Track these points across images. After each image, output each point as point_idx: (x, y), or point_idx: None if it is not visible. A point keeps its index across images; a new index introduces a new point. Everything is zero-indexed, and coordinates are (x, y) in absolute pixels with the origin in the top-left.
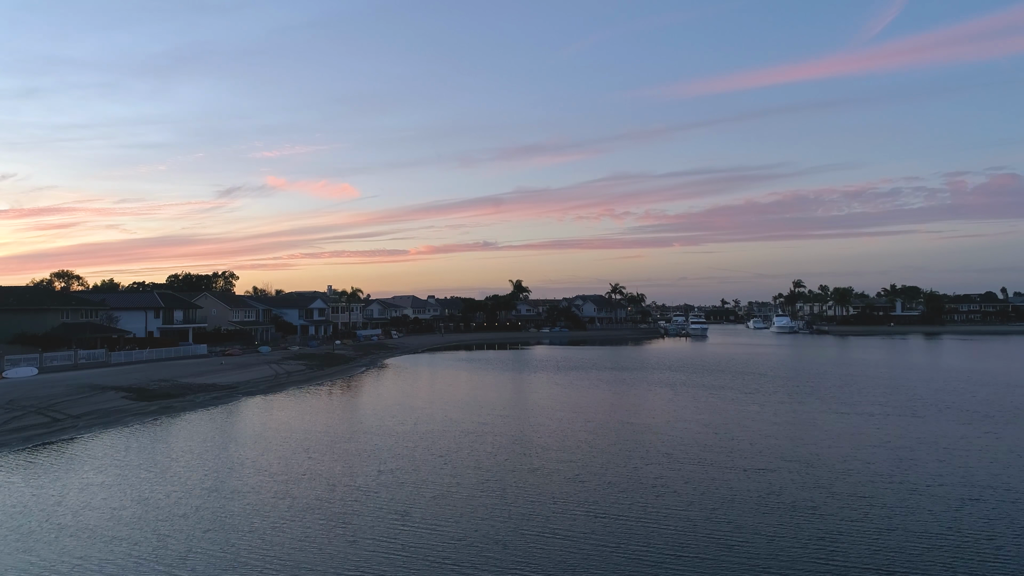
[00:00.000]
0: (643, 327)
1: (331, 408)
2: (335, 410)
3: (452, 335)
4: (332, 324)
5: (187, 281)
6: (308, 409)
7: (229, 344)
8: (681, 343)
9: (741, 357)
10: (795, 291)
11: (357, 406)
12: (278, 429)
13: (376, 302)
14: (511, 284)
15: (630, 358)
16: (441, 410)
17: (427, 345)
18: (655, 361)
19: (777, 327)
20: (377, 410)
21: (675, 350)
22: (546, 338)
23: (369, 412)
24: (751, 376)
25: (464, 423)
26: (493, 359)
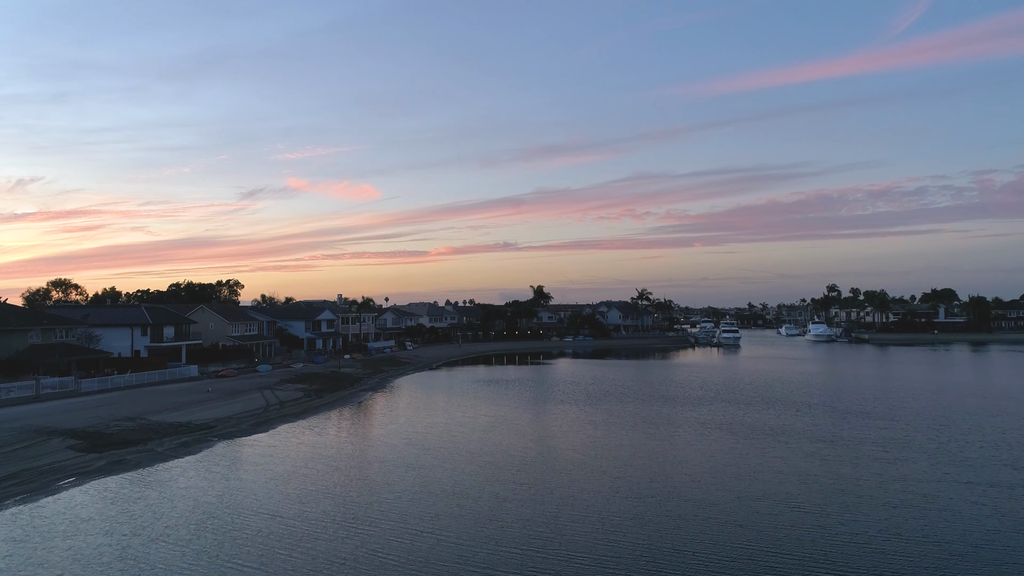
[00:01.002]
0: (670, 335)
1: (313, 467)
2: (318, 471)
3: (470, 345)
4: (342, 336)
5: (190, 290)
6: (284, 469)
7: (224, 363)
8: (712, 354)
9: (788, 378)
10: (828, 295)
11: (348, 461)
12: (237, 508)
13: (390, 311)
14: (532, 289)
15: (662, 381)
16: (450, 475)
17: (443, 358)
18: (692, 386)
19: (813, 335)
20: (372, 470)
21: (708, 367)
22: (569, 348)
23: (361, 474)
24: (815, 412)
25: (479, 501)
26: (514, 380)
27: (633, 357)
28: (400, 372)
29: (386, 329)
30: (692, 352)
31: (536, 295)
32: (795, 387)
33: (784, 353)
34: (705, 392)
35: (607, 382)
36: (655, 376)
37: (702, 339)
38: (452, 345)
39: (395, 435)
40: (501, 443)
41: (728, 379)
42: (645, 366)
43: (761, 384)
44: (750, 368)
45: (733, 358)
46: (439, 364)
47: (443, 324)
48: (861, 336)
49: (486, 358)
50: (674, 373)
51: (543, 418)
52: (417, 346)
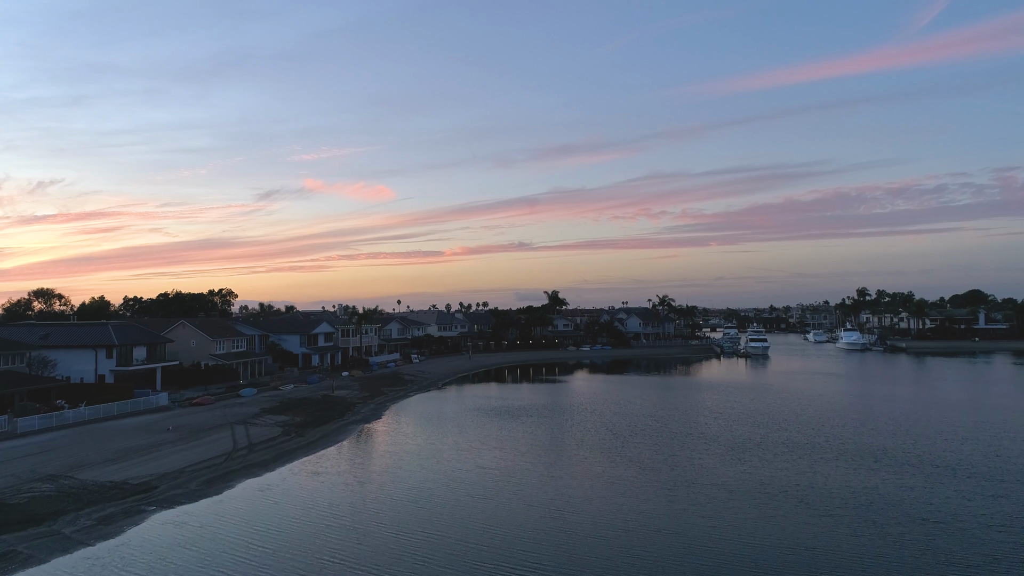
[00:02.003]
0: (693, 343)
1: (258, 557)
2: (263, 564)
3: (481, 356)
4: (341, 350)
5: (179, 301)
6: (219, 565)
7: (204, 388)
8: (739, 367)
9: (839, 405)
10: (859, 299)
11: (304, 543)
12: None
13: (396, 320)
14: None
15: (693, 409)
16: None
17: (451, 373)
18: (729, 418)
19: (846, 343)
20: (334, 565)
21: (741, 387)
22: (586, 358)
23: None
24: (899, 465)
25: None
26: (526, 407)
27: (655, 370)
28: (401, 394)
29: (391, 340)
30: (717, 364)
31: (551, 301)
32: (856, 421)
33: (819, 366)
34: (749, 429)
35: (631, 411)
36: (684, 402)
37: (727, 348)
38: (462, 356)
39: (374, 502)
40: (508, 519)
41: (770, 407)
42: (670, 386)
43: (813, 416)
44: (789, 388)
45: (764, 373)
46: (446, 382)
47: (453, 333)
48: (897, 344)
49: (498, 372)
50: (704, 397)
51: (560, 474)
52: (424, 358)
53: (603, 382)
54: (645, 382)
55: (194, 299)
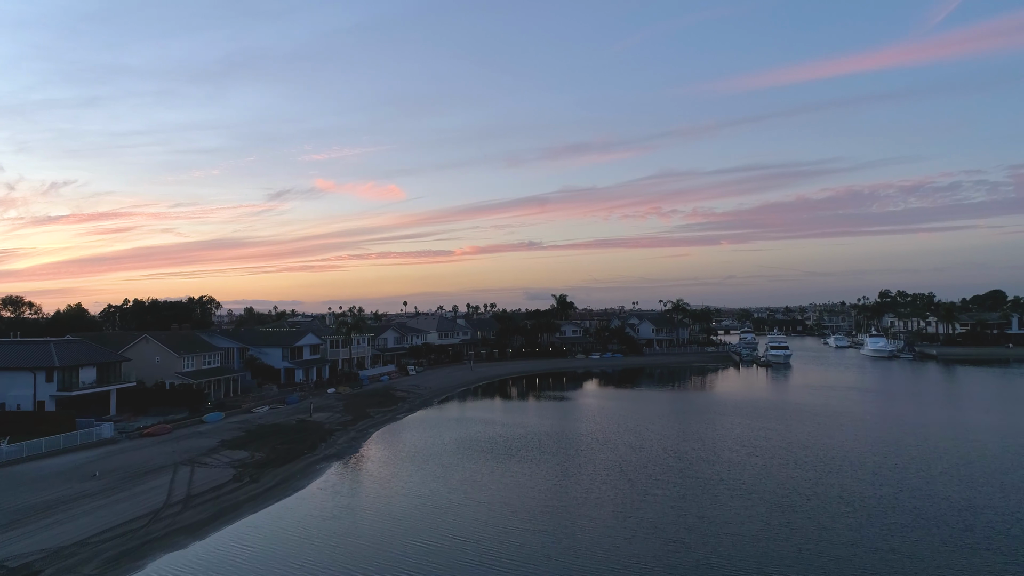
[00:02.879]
0: (709, 351)
1: None
2: None
3: (484, 366)
4: (329, 363)
5: (155, 309)
6: None
7: (164, 414)
8: (760, 378)
9: (883, 430)
10: (881, 301)
11: None
12: None
13: (392, 328)
14: (554, 299)
15: (716, 438)
16: None
17: (449, 387)
18: (758, 449)
19: (872, 349)
20: None
21: (765, 405)
22: (596, 367)
23: None
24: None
25: None
26: (528, 433)
27: (669, 381)
28: (389, 416)
29: (386, 351)
30: (736, 374)
31: (559, 305)
32: (911, 455)
33: (847, 378)
34: (793, 472)
35: (646, 442)
36: (707, 430)
37: (746, 355)
38: (463, 366)
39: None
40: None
41: (810, 439)
42: (688, 405)
43: (867, 453)
44: (823, 410)
45: (789, 387)
46: (443, 398)
47: (454, 340)
48: (926, 351)
49: (501, 384)
50: (729, 422)
51: (561, 547)
52: (423, 370)
53: (614, 399)
54: (659, 399)
55: (172, 307)
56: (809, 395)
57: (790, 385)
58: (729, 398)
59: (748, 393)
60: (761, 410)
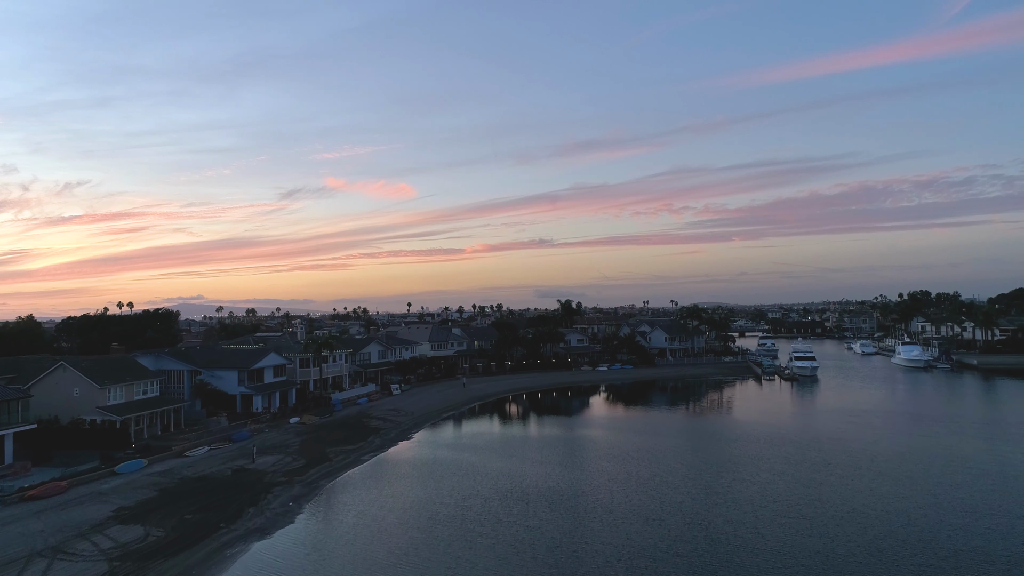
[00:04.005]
0: (727, 360)
1: None
2: None
3: (479, 381)
4: (298, 386)
5: (101, 325)
6: None
7: (68, 461)
8: (786, 395)
9: (959, 480)
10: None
11: None
12: None
13: (376, 341)
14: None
15: (750, 491)
16: None
17: (436, 410)
18: (809, 515)
19: (905, 359)
20: None
21: (800, 436)
22: (604, 380)
23: None
24: None
25: None
26: (520, 487)
27: (683, 398)
28: (352, 457)
29: (369, 366)
30: (758, 389)
31: (564, 311)
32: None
33: (887, 397)
34: (854, 549)
35: (664, 505)
36: (736, 479)
37: (767, 366)
38: (456, 382)
39: None
40: None
41: (868, 496)
42: (707, 437)
43: (954, 524)
44: (872, 443)
45: (822, 409)
46: (428, 423)
47: (448, 352)
48: (965, 361)
49: (495, 406)
50: (759, 464)
51: None
52: (409, 387)
53: (623, 430)
54: (675, 429)
55: (122, 321)
56: (851, 424)
57: (823, 407)
58: (756, 428)
59: (777, 419)
60: (801, 449)
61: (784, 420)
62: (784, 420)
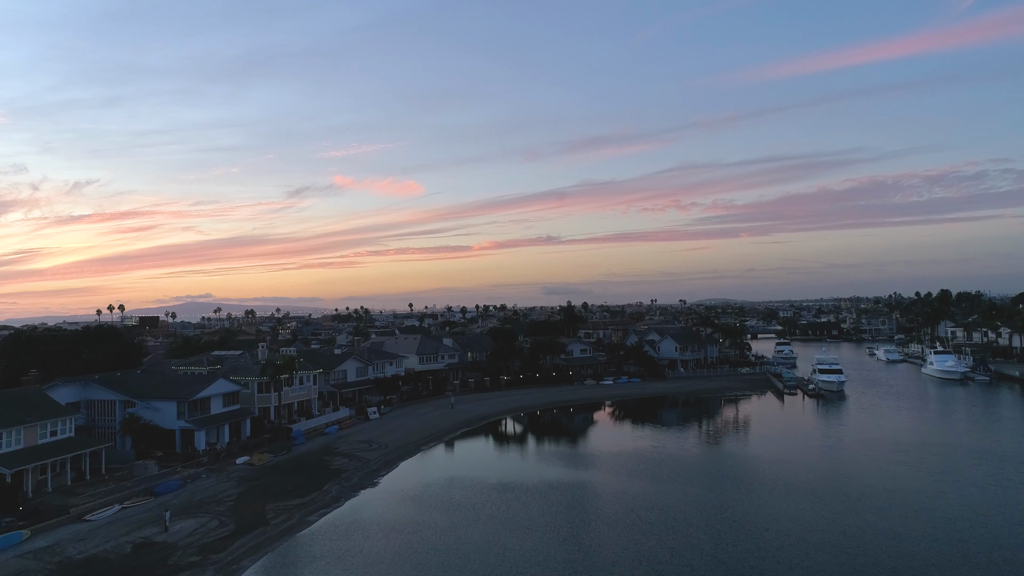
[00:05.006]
0: (744, 372)
1: None
2: None
3: (470, 400)
4: (258, 412)
5: (32, 344)
6: None
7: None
8: (811, 417)
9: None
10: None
11: None
12: None
13: (354, 358)
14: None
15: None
16: None
17: (415, 439)
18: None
19: (938, 369)
20: None
21: (838, 478)
22: (609, 396)
23: None
24: None
25: None
26: (513, 557)
27: (697, 419)
28: (303, 513)
29: (345, 385)
30: (779, 407)
31: (566, 317)
32: None
33: (926, 419)
34: None
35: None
36: (766, 553)
37: (789, 379)
38: (444, 400)
39: None
40: None
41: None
42: (727, 482)
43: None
44: (925, 490)
45: (855, 434)
46: (401, 460)
47: (438, 365)
48: (1005, 371)
49: (485, 431)
50: (794, 529)
51: None
52: (390, 409)
53: (630, 467)
54: (688, 461)
55: (56, 340)
56: (903, 465)
57: (860, 436)
58: (788, 469)
59: (810, 454)
60: (852, 505)
61: (819, 456)
62: (819, 456)
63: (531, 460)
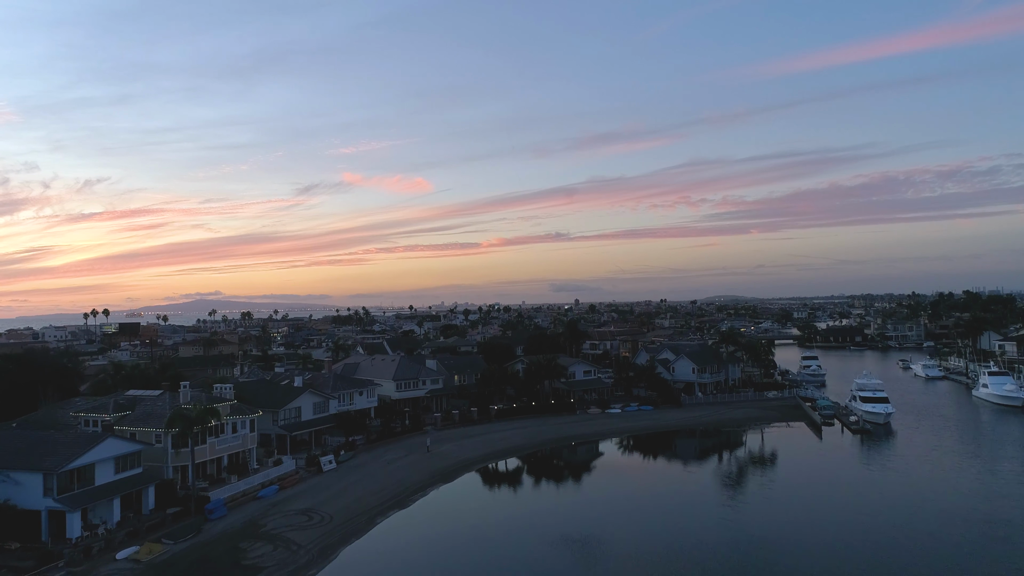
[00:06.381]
0: (772, 397)
1: None
2: None
3: (453, 436)
4: (170, 476)
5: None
6: None
7: None
8: (859, 462)
9: None
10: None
11: None
12: None
13: (310, 391)
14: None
15: None
16: None
17: (373, 504)
18: None
19: (996, 393)
20: None
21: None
22: (615, 430)
23: None
24: None
25: None
26: None
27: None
28: None
29: (297, 426)
30: (818, 448)
31: (569, 332)
32: None
33: (1007, 470)
34: None
35: None
36: None
37: (824, 407)
38: (421, 438)
39: None
40: None
41: None
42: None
43: None
44: None
45: (922, 493)
46: (349, 537)
47: (420, 392)
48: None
49: (464, 489)
50: None
51: None
52: (353, 454)
53: (640, 555)
54: (713, 541)
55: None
56: (996, 538)
57: (930, 497)
58: (846, 556)
59: (874, 530)
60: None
61: (895, 539)
62: (895, 539)
63: (518, 540)
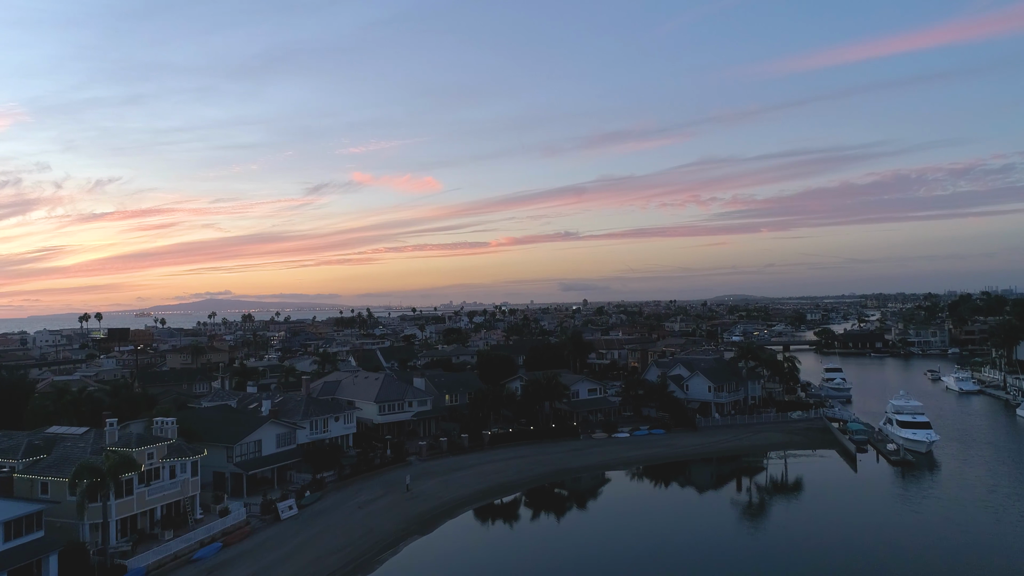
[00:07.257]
0: (797, 418)
1: None
2: None
3: (439, 470)
4: (86, 538)
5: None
6: None
7: None
8: (898, 497)
9: None
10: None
11: None
12: None
13: (272, 422)
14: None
15: None
16: None
17: (339, 555)
18: None
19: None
20: None
21: None
22: (623, 460)
23: None
24: None
25: None
26: None
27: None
28: None
29: (255, 463)
30: (853, 482)
31: (574, 346)
32: None
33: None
34: None
35: None
36: None
37: (856, 431)
38: (402, 472)
39: None
40: None
41: None
42: None
43: None
44: None
45: (998, 556)
46: None
47: (406, 415)
48: None
49: (445, 540)
50: None
51: None
52: (319, 496)
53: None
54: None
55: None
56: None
57: (1004, 562)
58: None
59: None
60: None
61: None
62: None
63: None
